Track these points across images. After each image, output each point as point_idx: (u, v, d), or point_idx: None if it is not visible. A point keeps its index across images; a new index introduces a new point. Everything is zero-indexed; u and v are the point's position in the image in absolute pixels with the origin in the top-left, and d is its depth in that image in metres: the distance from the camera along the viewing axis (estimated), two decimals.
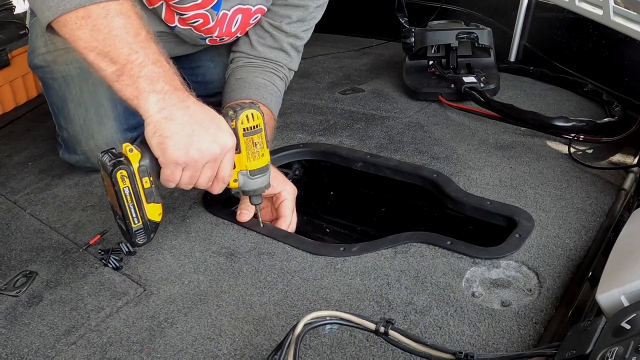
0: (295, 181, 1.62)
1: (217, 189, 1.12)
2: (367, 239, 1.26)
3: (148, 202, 1.04)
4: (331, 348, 0.94)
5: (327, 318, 0.81)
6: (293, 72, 1.57)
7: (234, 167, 1.11)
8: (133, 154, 1.02)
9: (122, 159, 1.01)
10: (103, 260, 1.19)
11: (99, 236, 1.27)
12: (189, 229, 1.28)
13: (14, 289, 1.14)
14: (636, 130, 1.44)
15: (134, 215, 1.04)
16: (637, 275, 0.80)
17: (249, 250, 1.20)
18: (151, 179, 1.03)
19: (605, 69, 1.72)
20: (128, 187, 1.01)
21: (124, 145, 1.04)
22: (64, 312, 1.07)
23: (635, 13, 1.52)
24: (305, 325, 0.79)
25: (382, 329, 0.80)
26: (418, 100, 1.79)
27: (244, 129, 1.08)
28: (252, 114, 1.09)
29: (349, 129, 1.65)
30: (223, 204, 1.40)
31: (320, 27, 1.57)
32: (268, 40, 1.50)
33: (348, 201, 1.61)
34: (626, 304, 0.78)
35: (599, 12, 1.63)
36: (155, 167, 1.04)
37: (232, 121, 1.08)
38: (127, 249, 1.21)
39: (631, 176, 1.32)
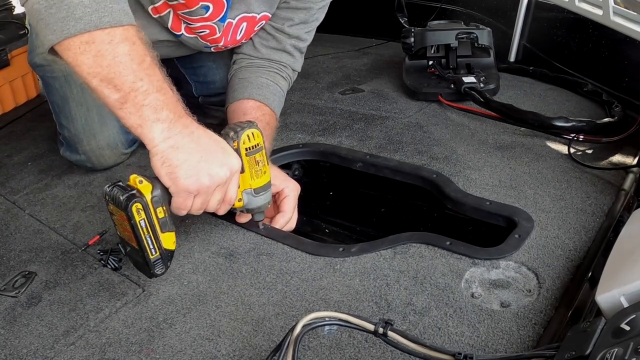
0: (295, 181, 1.62)
1: (223, 211, 1.12)
2: (366, 239, 1.26)
3: (163, 232, 1.03)
4: (330, 349, 0.94)
5: (326, 319, 0.81)
6: (297, 73, 1.57)
7: (239, 187, 1.12)
8: (144, 185, 1.00)
9: (135, 191, 0.99)
10: (102, 261, 1.19)
11: (98, 237, 1.27)
12: (187, 229, 1.28)
13: (13, 289, 1.14)
14: (636, 130, 1.44)
15: (152, 247, 1.02)
16: (637, 276, 0.80)
17: (248, 251, 1.20)
18: (164, 208, 1.02)
19: (605, 69, 1.72)
20: (144, 219, 1.00)
21: (131, 177, 1.01)
22: (63, 313, 1.07)
23: (635, 13, 1.52)
24: (304, 326, 0.79)
25: (381, 330, 0.80)
26: (418, 101, 1.79)
27: (246, 149, 1.09)
28: (252, 133, 1.09)
29: (348, 129, 1.65)
30: None
31: (320, 27, 1.57)
32: (271, 42, 1.49)
33: (347, 201, 1.61)
34: (626, 305, 0.78)
35: (599, 12, 1.62)
36: (167, 196, 1.03)
37: (234, 142, 1.09)
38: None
39: (631, 176, 1.31)
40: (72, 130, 1.49)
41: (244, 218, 1.26)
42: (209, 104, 1.71)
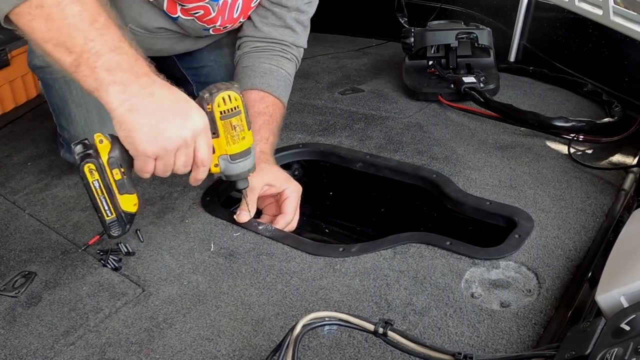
0: None
1: (199, 174, 1.08)
2: (366, 239, 1.26)
3: (121, 194, 1.02)
4: (330, 349, 0.94)
5: (326, 319, 0.81)
6: (302, 50, 1.53)
7: (214, 152, 1.07)
8: (103, 145, 0.98)
9: (91, 151, 0.98)
10: (102, 261, 1.19)
11: (97, 237, 1.27)
12: (188, 229, 1.28)
13: (13, 289, 1.14)
14: (636, 130, 1.44)
15: (106, 208, 1.02)
16: (637, 276, 0.80)
17: (248, 251, 1.20)
18: (122, 170, 1.00)
19: (605, 69, 1.72)
20: (98, 180, 0.99)
21: (95, 135, 1.00)
22: (62, 313, 1.07)
23: (635, 13, 1.52)
24: (304, 326, 0.79)
25: (381, 330, 0.80)
26: (418, 101, 1.79)
27: (220, 112, 1.03)
28: (229, 96, 1.03)
29: (348, 129, 1.65)
30: (222, 204, 1.40)
31: (320, 27, 1.57)
32: (271, 18, 1.47)
33: (347, 201, 1.61)
34: (626, 304, 0.78)
35: (599, 12, 1.62)
36: (127, 158, 1.00)
37: (208, 104, 1.03)
38: (126, 250, 1.21)
39: (631, 176, 1.31)
40: (72, 131, 1.49)
41: (243, 218, 1.26)
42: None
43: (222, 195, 1.42)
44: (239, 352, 0.96)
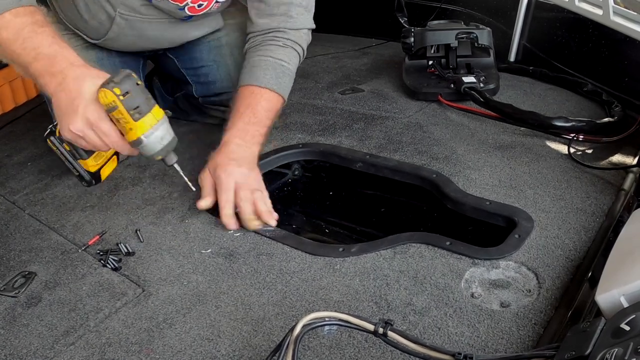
0: (294, 181, 1.62)
1: (122, 151, 1.21)
2: (366, 239, 1.26)
3: (76, 159, 1.36)
4: (330, 349, 0.94)
5: (326, 319, 0.81)
6: (306, 31, 1.50)
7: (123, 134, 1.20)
8: (58, 128, 1.27)
9: (55, 130, 1.32)
10: (102, 261, 1.19)
11: (97, 237, 1.27)
12: (187, 229, 1.28)
13: (13, 289, 1.14)
14: (636, 130, 1.44)
15: (71, 167, 1.37)
16: (637, 276, 0.80)
17: (247, 251, 1.20)
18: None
19: (605, 69, 1.72)
20: (58, 149, 1.35)
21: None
22: (62, 313, 1.07)
23: (635, 13, 1.52)
24: (304, 326, 0.79)
25: (381, 330, 0.80)
26: (417, 100, 1.79)
27: (105, 108, 1.12)
28: (105, 94, 1.11)
29: (348, 129, 1.65)
30: None
31: (320, 27, 1.56)
32: (263, 8, 1.45)
33: (347, 201, 1.61)
34: (626, 305, 0.78)
35: (599, 12, 1.62)
36: None
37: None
38: (126, 250, 1.21)
39: (631, 176, 1.31)
40: None
41: (201, 204, 1.29)
42: (209, 104, 1.71)
43: None
44: (239, 352, 0.96)
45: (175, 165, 1.24)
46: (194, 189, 1.30)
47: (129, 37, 1.51)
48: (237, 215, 1.26)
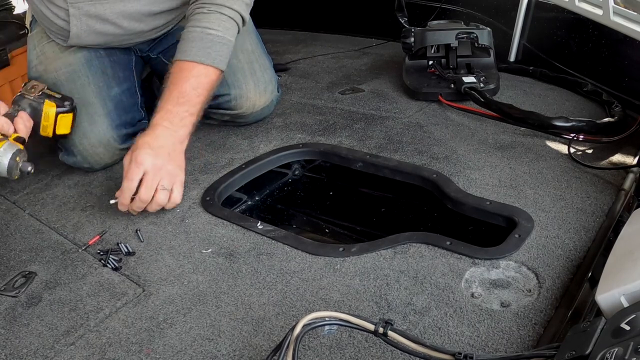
0: (295, 181, 1.62)
1: None
2: (366, 239, 1.26)
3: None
4: (330, 349, 0.94)
5: (326, 319, 0.81)
6: None
7: None
8: None
9: None
10: (102, 261, 1.19)
11: (98, 236, 1.27)
12: (188, 229, 1.28)
13: (13, 289, 1.14)
14: (636, 130, 1.44)
15: None
16: (637, 275, 0.79)
17: (248, 251, 1.20)
18: None
19: (605, 69, 1.72)
20: None
21: None
22: (63, 313, 1.07)
23: (635, 13, 1.52)
24: (304, 325, 0.79)
25: (381, 330, 0.80)
26: (418, 100, 1.79)
27: None
28: None
29: (348, 129, 1.65)
30: (222, 204, 1.40)
31: (320, 27, 1.56)
32: None
33: (348, 201, 1.61)
34: (626, 304, 0.78)
35: (599, 12, 1.62)
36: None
37: None
38: (126, 250, 1.21)
39: (631, 176, 1.31)
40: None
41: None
42: (206, 107, 1.69)
43: (222, 195, 1.43)
44: (239, 352, 0.96)
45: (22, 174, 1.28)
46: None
47: (91, 27, 1.51)
48: None
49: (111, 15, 1.51)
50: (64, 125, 1.42)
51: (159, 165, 1.26)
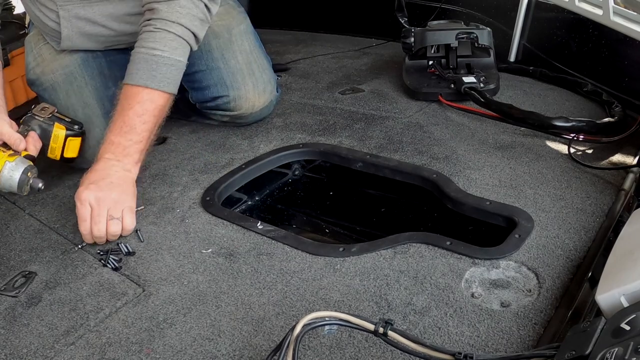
0: (295, 181, 1.62)
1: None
2: (366, 239, 1.26)
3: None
4: (330, 349, 0.94)
5: (326, 319, 0.81)
6: (182, 2, 1.32)
7: None
8: None
9: None
10: (102, 261, 1.19)
11: None
12: (188, 229, 1.28)
13: (13, 289, 1.14)
14: (636, 130, 1.44)
15: None
16: (637, 275, 0.79)
17: (248, 251, 1.20)
18: None
19: (605, 69, 1.72)
20: None
21: None
22: (63, 313, 1.07)
23: (635, 13, 1.52)
24: (305, 325, 0.79)
25: (381, 330, 0.80)
26: (418, 100, 1.79)
27: None
28: None
29: (348, 129, 1.65)
30: (222, 204, 1.40)
31: (320, 27, 1.56)
32: None
33: (347, 201, 1.61)
34: (626, 304, 0.78)
35: (599, 12, 1.62)
36: None
37: None
38: (126, 249, 1.21)
39: (631, 176, 1.31)
40: None
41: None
42: (206, 109, 1.70)
43: (222, 195, 1.42)
44: (239, 351, 0.96)
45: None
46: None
47: (82, 29, 1.51)
48: None
49: (100, 17, 1.51)
50: (72, 149, 1.42)
51: (102, 198, 1.23)
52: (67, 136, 1.39)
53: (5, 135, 1.28)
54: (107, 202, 1.23)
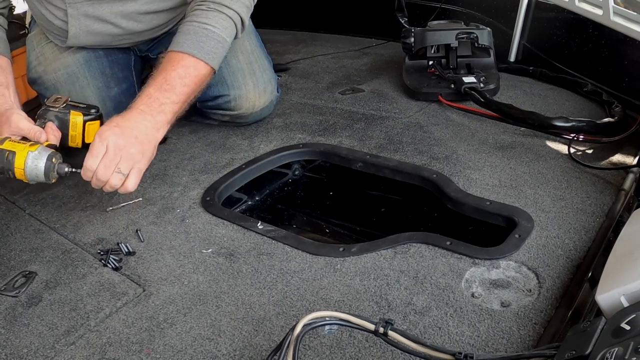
0: (295, 181, 1.62)
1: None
2: (366, 239, 1.26)
3: None
4: (330, 348, 0.94)
5: (327, 318, 0.81)
6: None
7: None
8: None
9: None
10: (102, 261, 1.19)
11: None
12: (188, 229, 1.28)
13: (14, 289, 1.14)
14: (636, 130, 1.44)
15: None
16: (637, 275, 0.80)
17: (248, 251, 1.20)
18: None
19: (605, 69, 1.72)
20: None
21: None
22: (63, 313, 1.07)
23: (635, 13, 1.52)
24: (305, 325, 0.79)
25: (381, 330, 0.80)
26: (418, 101, 1.79)
27: None
28: None
29: (348, 129, 1.65)
30: (222, 204, 1.40)
31: (320, 27, 1.56)
32: None
33: (347, 201, 1.61)
34: (626, 304, 0.78)
35: (599, 12, 1.62)
36: None
37: None
38: (126, 249, 1.21)
39: (631, 176, 1.31)
40: None
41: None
42: (207, 108, 1.70)
43: (222, 195, 1.43)
44: (239, 351, 0.96)
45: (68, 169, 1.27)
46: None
47: (90, 27, 1.51)
48: None
49: (109, 15, 1.51)
50: (93, 134, 1.36)
51: (120, 145, 1.21)
52: (85, 122, 1.36)
53: (24, 130, 1.27)
54: (122, 153, 1.21)
